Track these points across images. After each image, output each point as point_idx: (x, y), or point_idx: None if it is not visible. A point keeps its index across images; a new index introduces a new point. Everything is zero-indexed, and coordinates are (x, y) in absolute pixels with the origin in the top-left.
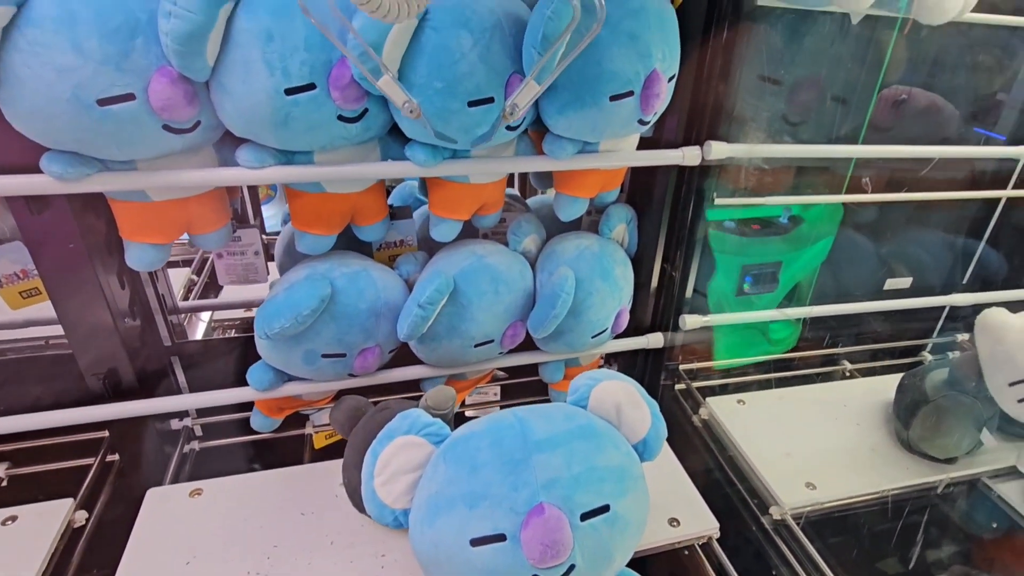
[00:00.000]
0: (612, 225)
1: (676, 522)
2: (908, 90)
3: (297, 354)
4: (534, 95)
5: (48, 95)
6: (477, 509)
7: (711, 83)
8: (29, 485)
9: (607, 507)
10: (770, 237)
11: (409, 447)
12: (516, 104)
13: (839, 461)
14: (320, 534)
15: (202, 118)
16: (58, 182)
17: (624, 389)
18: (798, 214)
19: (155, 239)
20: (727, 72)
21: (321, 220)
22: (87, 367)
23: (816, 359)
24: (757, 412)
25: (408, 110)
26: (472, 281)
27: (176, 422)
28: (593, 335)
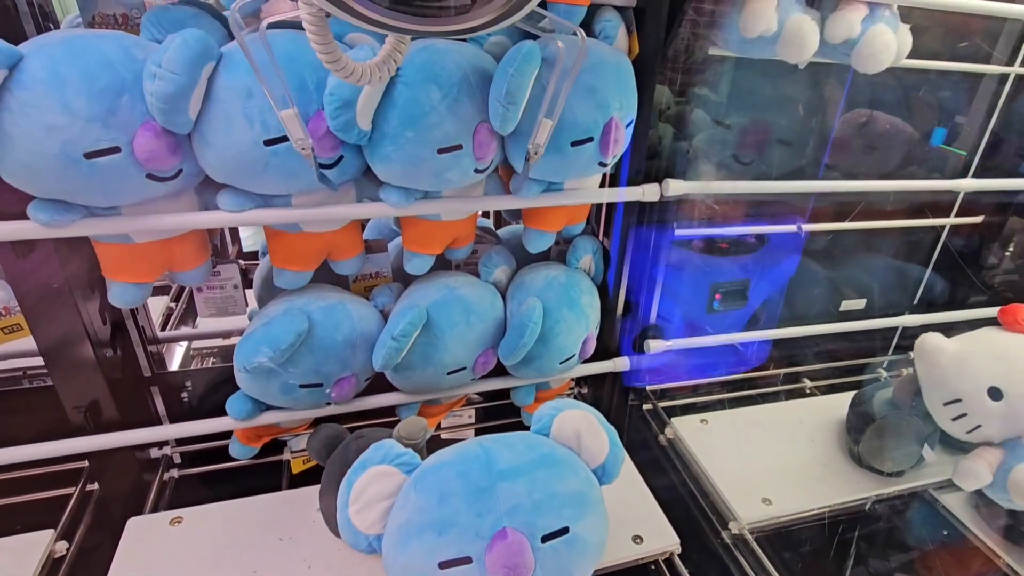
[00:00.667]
0: (579, 256)
1: (639, 539)
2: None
3: (275, 385)
4: (548, 130)
5: (36, 151)
6: (445, 536)
7: (668, 126)
8: (8, 517)
9: (566, 529)
10: (738, 256)
11: (382, 476)
12: (538, 144)
13: (794, 477)
14: (298, 559)
15: (184, 166)
16: (44, 227)
17: (584, 418)
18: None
19: (137, 278)
20: (683, 117)
21: (299, 258)
22: (68, 400)
23: (778, 377)
24: (719, 431)
25: (300, 147)
26: (444, 312)
27: (156, 451)
28: (561, 361)
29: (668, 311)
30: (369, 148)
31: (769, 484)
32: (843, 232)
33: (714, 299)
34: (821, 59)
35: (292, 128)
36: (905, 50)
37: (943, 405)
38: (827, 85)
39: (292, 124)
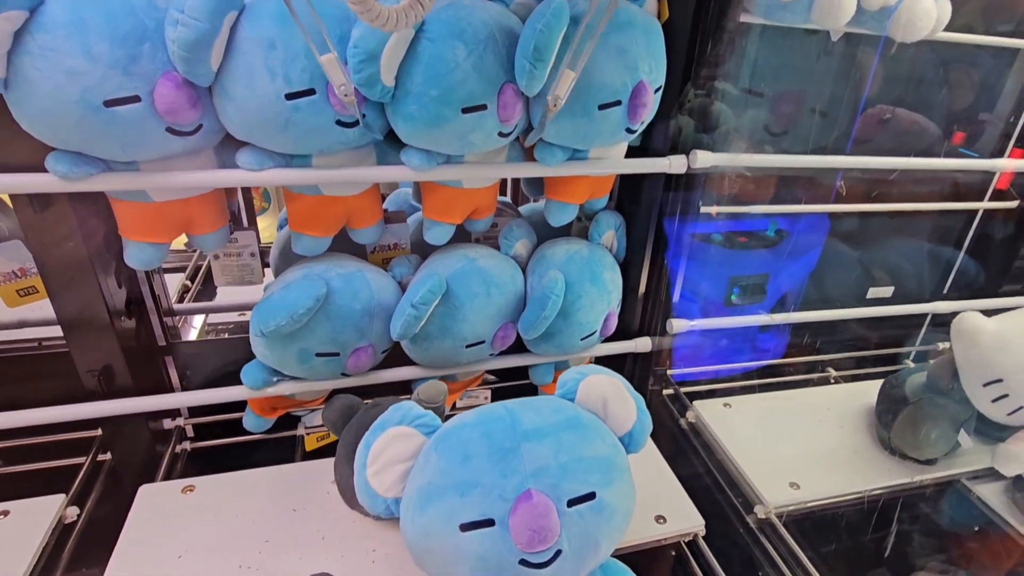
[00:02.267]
0: (601, 231)
1: (663, 519)
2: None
3: (292, 352)
4: (571, 82)
5: (57, 97)
6: (467, 497)
7: (698, 90)
8: (20, 483)
9: (593, 494)
10: (757, 250)
11: (401, 438)
12: (558, 96)
13: (822, 462)
14: (311, 529)
15: (204, 121)
16: (63, 181)
17: (611, 383)
18: (785, 227)
19: (154, 238)
20: (712, 83)
21: (317, 222)
22: (83, 363)
23: (801, 366)
24: (743, 415)
25: (343, 94)
26: (464, 283)
27: (168, 422)
28: (582, 337)
29: (686, 304)
30: (392, 106)
31: (797, 468)
32: (871, 215)
33: (732, 293)
34: (855, 29)
35: (333, 74)
36: (944, 20)
37: (982, 386)
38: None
39: (332, 69)
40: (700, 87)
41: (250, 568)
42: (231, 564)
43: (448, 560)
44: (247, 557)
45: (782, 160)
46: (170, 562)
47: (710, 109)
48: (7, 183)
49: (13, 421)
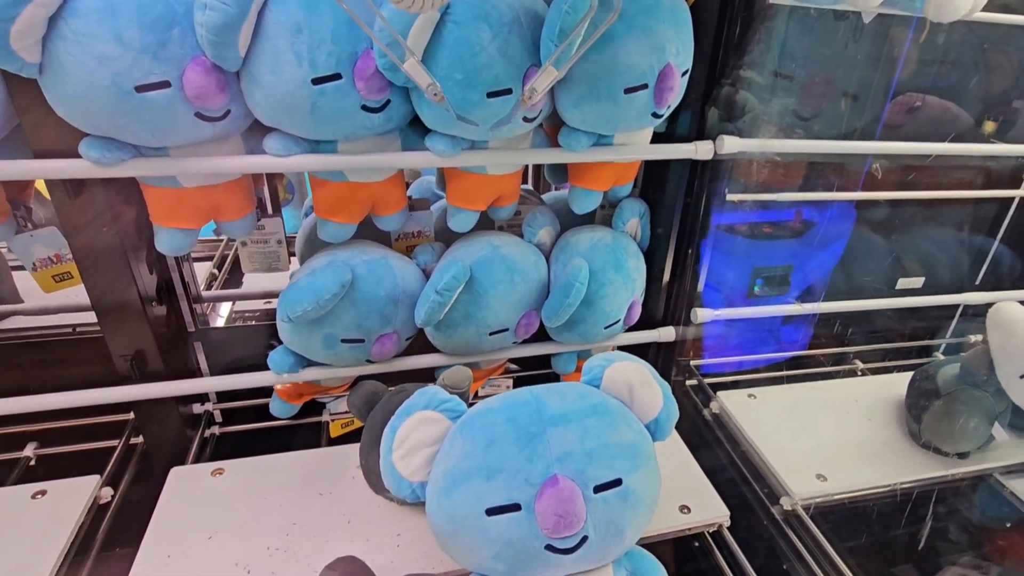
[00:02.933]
0: (625, 219)
1: (687, 509)
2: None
3: (317, 338)
4: (552, 80)
5: (89, 82)
6: (493, 481)
7: (724, 78)
8: (56, 466)
9: (619, 481)
10: (781, 240)
11: (427, 422)
12: (534, 88)
13: (850, 454)
14: (337, 513)
15: (232, 107)
16: (95, 166)
17: (637, 370)
18: (810, 218)
19: (184, 224)
20: (740, 68)
21: (343, 208)
22: (116, 348)
23: (827, 359)
24: (768, 406)
25: (432, 93)
26: (488, 270)
27: (198, 406)
28: (606, 326)
29: (708, 294)
30: (417, 91)
31: (824, 460)
32: (901, 204)
33: (755, 284)
34: (887, 10)
35: (417, 77)
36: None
37: (1019, 377)
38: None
39: (417, 73)
40: (727, 70)
41: (278, 550)
42: (260, 546)
43: (474, 544)
44: (275, 539)
45: (812, 145)
46: (201, 543)
47: (737, 93)
48: (43, 168)
49: (50, 403)
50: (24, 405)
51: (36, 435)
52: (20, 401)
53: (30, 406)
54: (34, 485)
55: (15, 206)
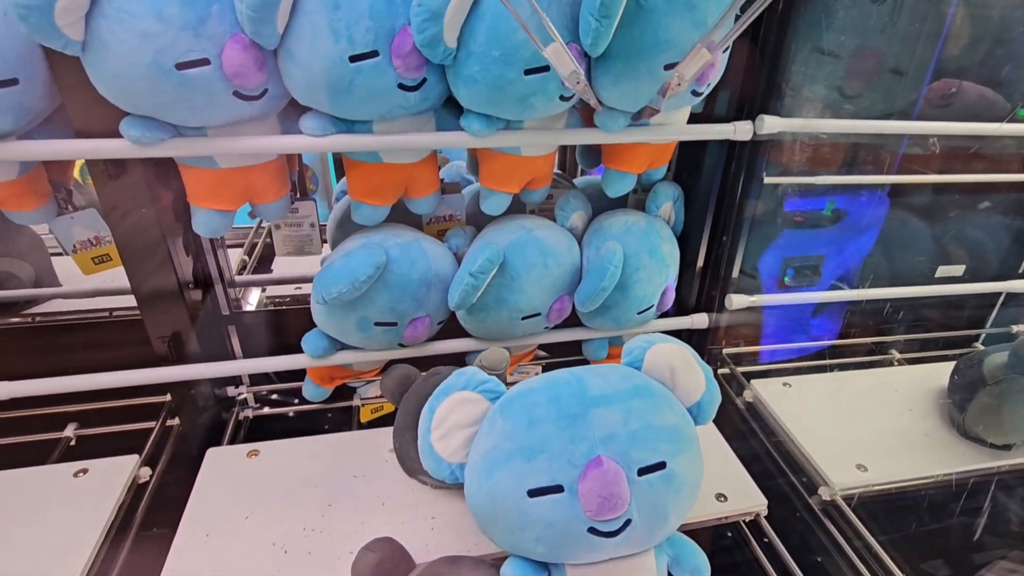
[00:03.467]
0: (659, 203)
1: (723, 497)
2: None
3: (351, 321)
4: (704, 63)
5: (130, 60)
6: (535, 462)
7: (765, 55)
8: (94, 446)
9: (663, 464)
10: (813, 229)
11: (465, 403)
12: (683, 75)
13: (891, 444)
14: (372, 496)
15: (269, 86)
16: (136, 146)
17: (679, 352)
18: (843, 207)
19: (221, 206)
20: (781, 44)
21: (377, 191)
22: (154, 330)
23: (863, 348)
24: (804, 395)
25: (574, 81)
26: (521, 253)
27: (232, 389)
28: (639, 311)
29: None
30: (453, 69)
31: (863, 450)
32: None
33: (786, 274)
34: None
35: (561, 63)
36: None
37: None
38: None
39: (560, 58)
40: (768, 45)
41: (314, 531)
42: (296, 527)
43: (515, 526)
44: (311, 520)
45: (858, 125)
46: (238, 522)
47: (778, 70)
48: (84, 148)
49: (89, 384)
50: (64, 386)
51: (76, 416)
52: (60, 381)
53: (70, 387)
54: (75, 464)
55: (56, 188)
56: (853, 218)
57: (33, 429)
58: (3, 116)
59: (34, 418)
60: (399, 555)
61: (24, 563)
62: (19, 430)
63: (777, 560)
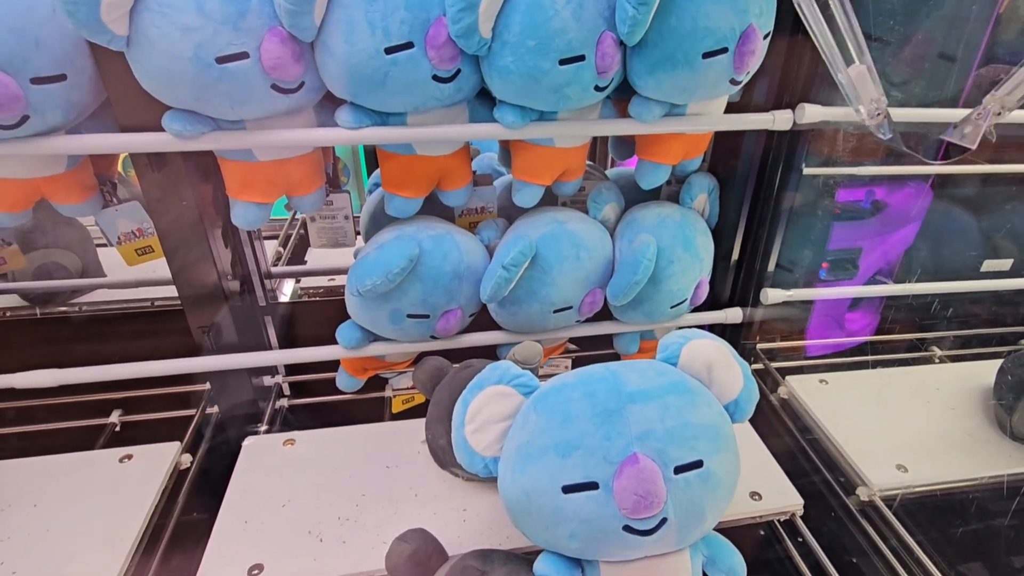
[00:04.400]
0: (694, 194)
1: (758, 496)
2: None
3: (384, 313)
4: None
5: (172, 53)
6: (570, 458)
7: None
8: (138, 432)
9: (700, 463)
10: (850, 222)
11: (499, 397)
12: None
13: (932, 445)
14: (405, 486)
15: (306, 79)
16: (177, 140)
17: (716, 348)
18: (882, 199)
19: (259, 198)
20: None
21: (410, 182)
22: (194, 320)
23: (902, 344)
24: (841, 392)
25: (874, 112)
26: (553, 246)
27: (268, 379)
28: (672, 305)
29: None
30: (488, 60)
31: (904, 450)
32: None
33: (821, 268)
34: None
35: (863, 88)
36: None
37: None
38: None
39: (864, 83)
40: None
41: (348, 520)
42: (331, 515)
43: (548, 521)
44: (345, 509)
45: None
46: (275, 510)
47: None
48: (128, 142)
49: (132, 372)
50: (108, 374)
51: (121, 402)
52: (105, 370)
53: (114, 375)
54: (121, 449)
55: (101, 181)
56: (894, 210)
57: (80, 415)
58: (52, 111)
59: (81, 404)
60: (432, 547)
61: (74, 545)
62: (67, 415)
63: (811, 560)
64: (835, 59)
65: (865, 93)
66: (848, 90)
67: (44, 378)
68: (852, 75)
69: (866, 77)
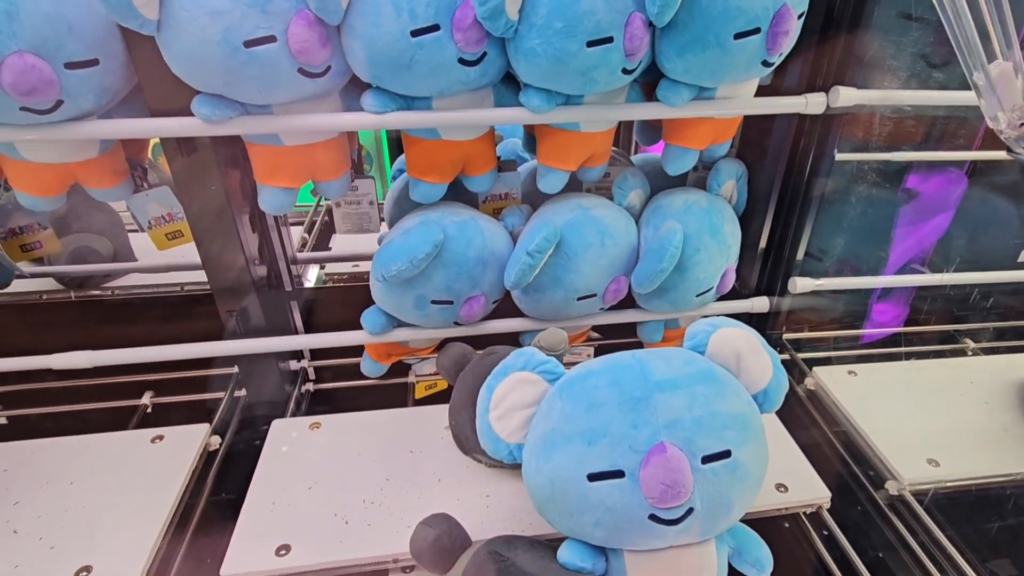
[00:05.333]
0: (721, 180)
1: (783, 488)
2: None
3: (409, 299)
4: None
5: (201, 37)
6: (595, 446)
7: (842, 22)
8: (170, 413)
9: (728, 453)
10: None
11: (524, 383)
12: None
13: (965, 439)
14: (428, 472)
15: (332, 63)
16: (206, 124)
17: (745, 336)
18: (914, 186)
19: (285, 183)
20: (862, 9)
21: (435, 168)
22: (222, 304)
23: (933, 336)
24: (870, 384)
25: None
26: (578, 232)
27: (294, 363)
28: (698, 294)
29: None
30: (514, 42)
31: (936, 444)
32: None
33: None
34: None
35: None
36: None
37: None
38: None
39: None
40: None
41: (373, 503)
42: (356, 499)
43: (573, 509)
44: (370, 493)
45: (948, 97)
46: (302, 492)
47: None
48: (158, 127)
49: (163, 355)
50: (140, 356)
51: (152, 384)
52: (136, 352)
53: (145, 357)
54: (153, 430)
55: (132, 166)
56: (927, 198)
57: (114, 396)
58: (85, 96)
59: (114, 386)
60: (456, 532)
61: (108, 523)
62: (101, 396)
63: (836, 553)
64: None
65: (1008, 98)
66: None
67: (79, 359)
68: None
69: (1011, 78)
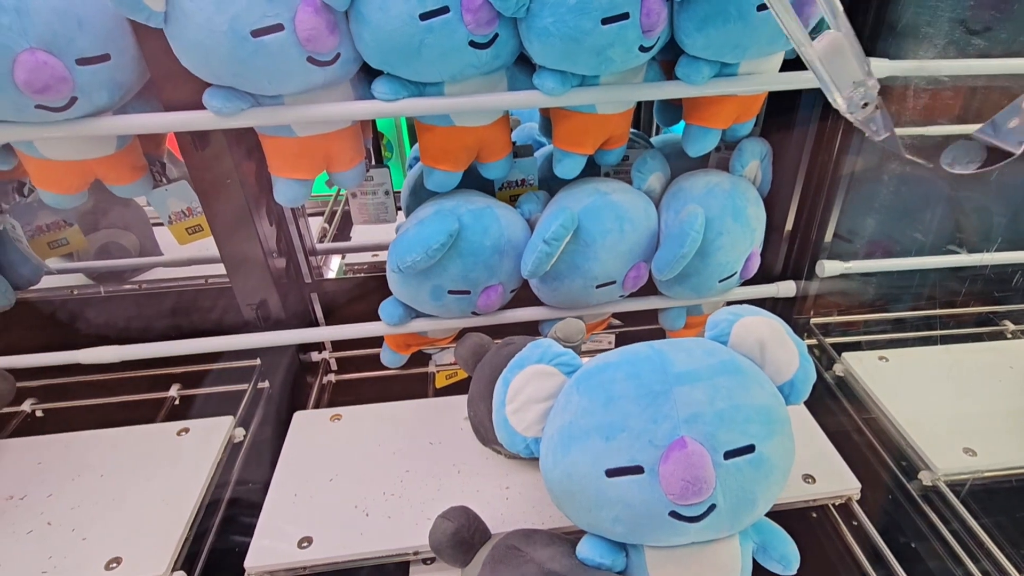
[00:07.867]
0: (745, 161)
1: (811, 479)
2: None
3: (425, 289)
4: None
5: (208, 28)
6: (614, 441)
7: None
8: (197, 405)
9: (752, 447)
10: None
11: (541, 376)
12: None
13: (1004, 427)
14: (447, 463)
15: (342, 50)
16: (217, 117)
17: (769, 325)
18: None
19: (300, 175)
20: None
21: (449, 155)
22: (243, 297)
23: (969, 319)
24: (902, 369)
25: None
26: (596, 218)
27: (315, 355)
28: (721, 279)
29: None
30: (526, 22)
31: (972, 433)
32: None
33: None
34: None
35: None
36: None
37: None
38: None
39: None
40: None
41: (393, 495)
42: (376, 490)
43: (591, 505)
44: (390, 485)
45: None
46: (323, 484)
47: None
48: (170, 121)
49: (185, 348)
50: (165, 350)
51: (180, 377)
52: (162, 346)
53: (170, 351)
54: (179, 423)
55: (151, 161)
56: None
57: (143, 389)
58: (98, 92)
59: (144, 379)
60: (475, 525)
61: (137, 515)
62: (130, 389)
63: (866, 545)
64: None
65: (842, 75)
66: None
67: (107, 354)
68: (819, 50)
69: (844, 50)
